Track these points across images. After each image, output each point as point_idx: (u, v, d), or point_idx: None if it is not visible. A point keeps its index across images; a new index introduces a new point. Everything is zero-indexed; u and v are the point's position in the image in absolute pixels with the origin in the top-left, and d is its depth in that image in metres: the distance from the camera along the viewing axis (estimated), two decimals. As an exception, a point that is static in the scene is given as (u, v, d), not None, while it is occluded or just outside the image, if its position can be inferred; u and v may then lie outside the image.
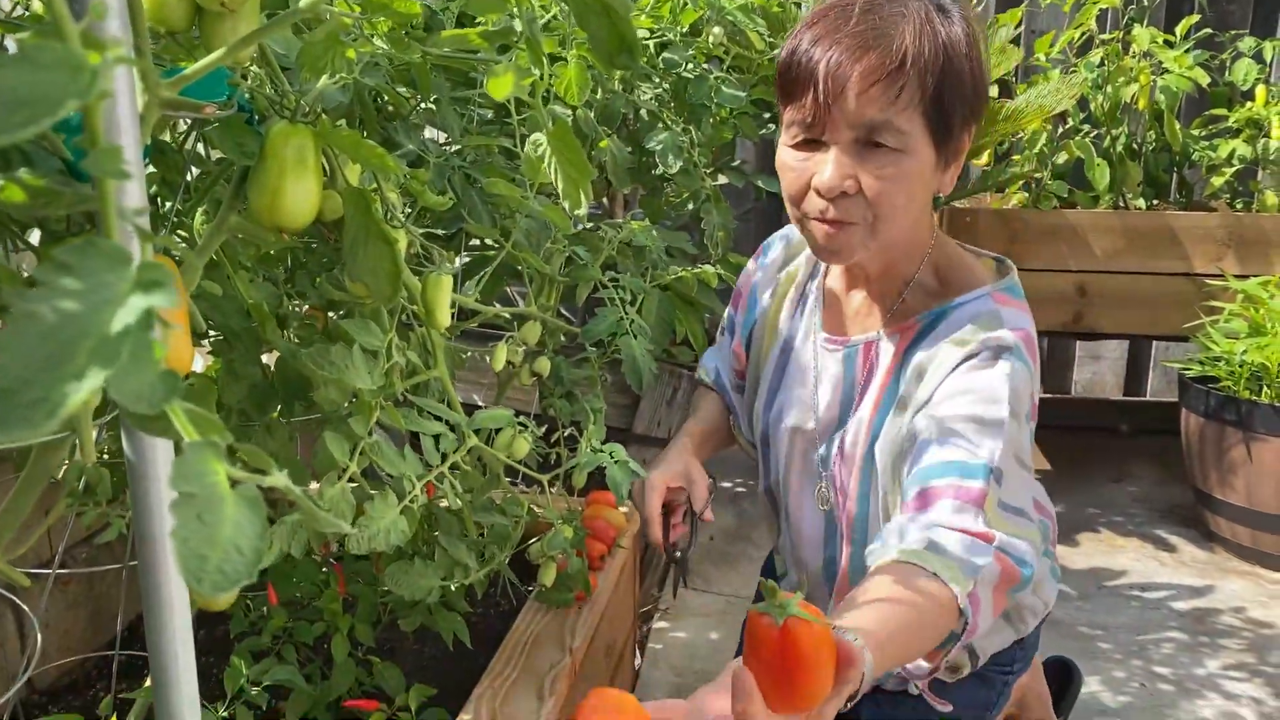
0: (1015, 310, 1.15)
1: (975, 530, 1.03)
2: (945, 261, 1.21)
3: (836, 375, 1.26)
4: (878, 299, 1.23)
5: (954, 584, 0.98)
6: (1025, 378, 1.11)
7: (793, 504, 1.33)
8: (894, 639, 0.95)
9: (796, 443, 1.31)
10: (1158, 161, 2.98)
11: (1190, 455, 2.61)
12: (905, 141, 1.05)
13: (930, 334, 1.17)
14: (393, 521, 0.97)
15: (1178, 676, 2.00)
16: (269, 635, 1.26)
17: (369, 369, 0.92)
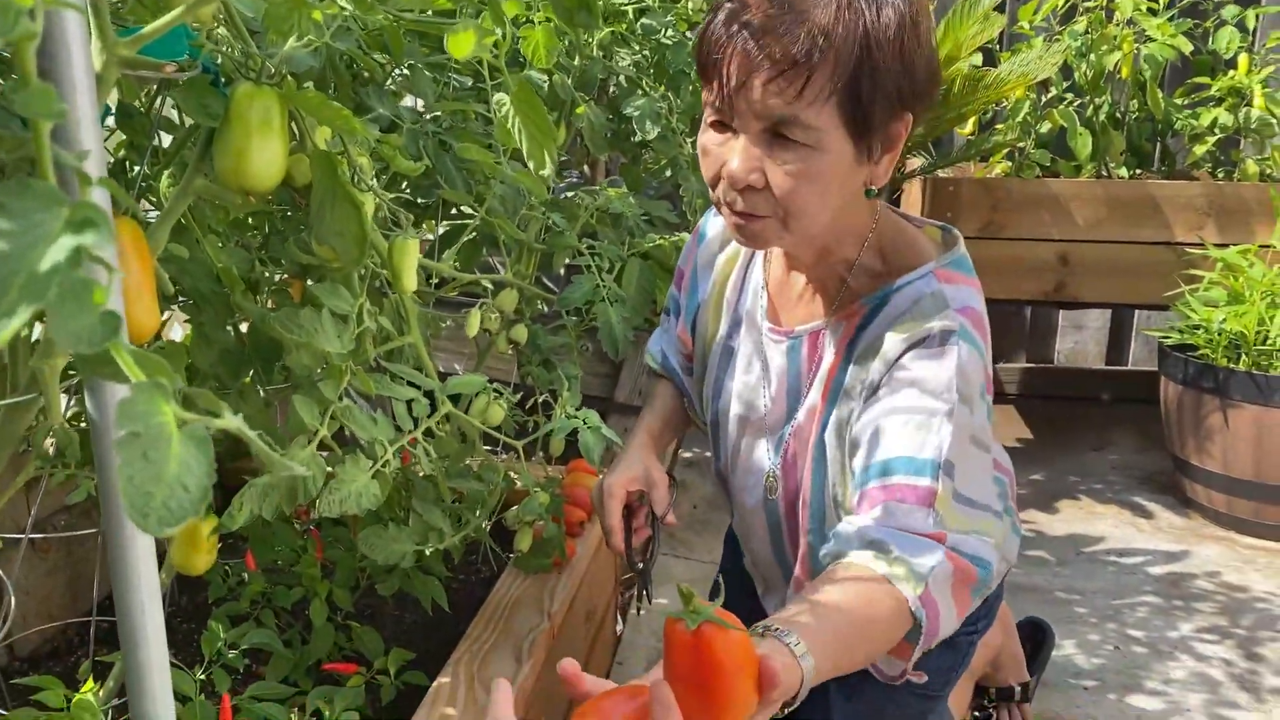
0: (959, 286, 1.10)
1: (925, 531, 1.01)
2: (889, 243, 1.15)
3: (782, 367, 1.21)
4: (819, 284, 1.18)
5: (903, 587, 0.96)
6: (973, 359, 1.06)
7: (738, 492, 1.30)
8: (840, 644, 0.93)
9: (744, 431, 1.27)
10: (1140, 130, 2.98)
11: (1169, 423, 2.64)
12: (815, 137, 0.98)
13: (874, 319, 1.12)
14: (364, 485, 0.97)
15: (1151, 639, 2.03)
16: (247, 600, 1.27)
17: (339, 333, 0.92)
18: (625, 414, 2.12)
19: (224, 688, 1.04)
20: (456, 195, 1.18)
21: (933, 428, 1.04)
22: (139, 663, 0.65)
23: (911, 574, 0.97)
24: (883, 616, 0.95)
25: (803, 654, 0.85)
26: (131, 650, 0.65)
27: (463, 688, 1.22)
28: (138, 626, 0.64)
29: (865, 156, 1.03)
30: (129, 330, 0.71)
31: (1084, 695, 1.83)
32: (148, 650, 0.65)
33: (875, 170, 1.05)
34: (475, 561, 1.74)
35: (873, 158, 1.04)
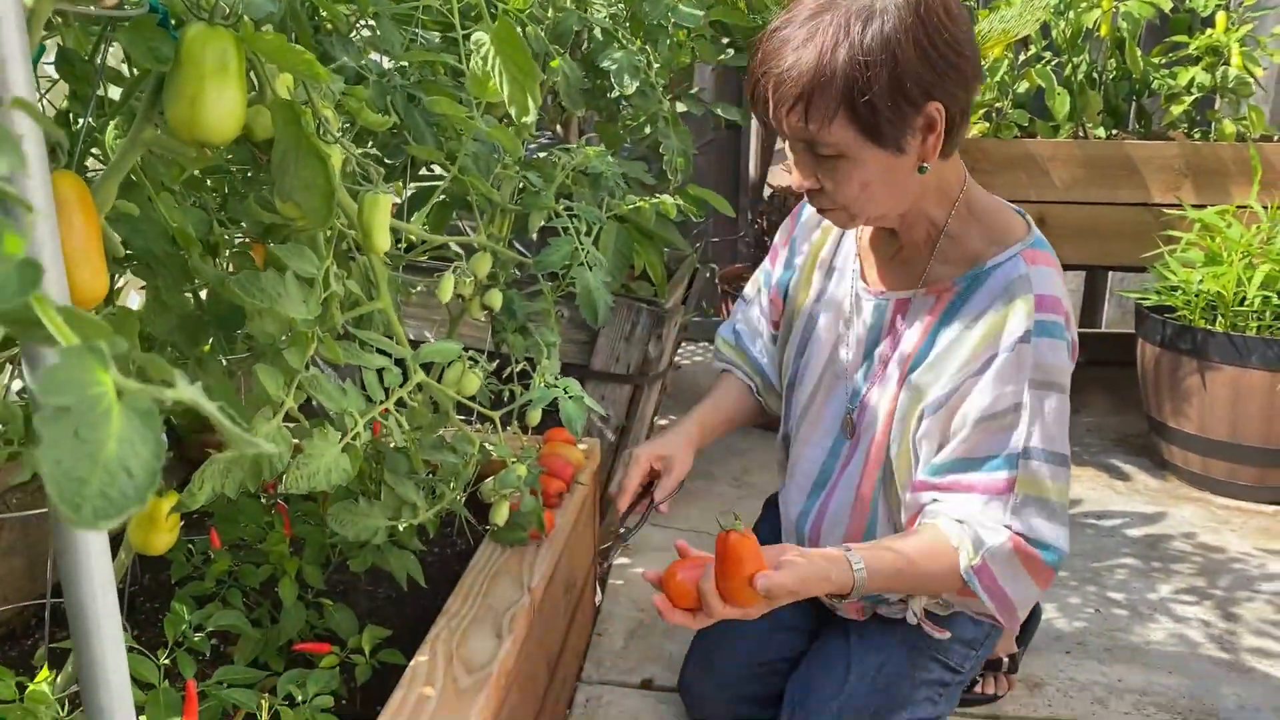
0: (1044, 268, 1.21)
1: (1001, 521, 1.20)
2: (980, 209, 1.26)
3: (868, 323, 1.34)
4: (910, 244, 1.30)
5: (963, 556, 1.20)
6: (1054, 348, 1.18)
7: (804, 445, 1.43)
8: (894, 576, 1.19)
9: (823, 381, 1.40)
10: (1117, 90, 2.95)
11: (1145, 384, 2.63)
12: (839, 150, 1.14)
13: (963, 308, 1.23)
14: (334, 460, 0.92)
15: (1130, 601, 2.03)
16: (212, 579, 1.21)
17: (304, 298, 0.86)
18: (603, 382, 2.07)
19: (189, 673, 0.99)
20: (427, 152, 1.12)
21: (1016, 424, 1.19)
22: (92, 658, 0.60)
23: (973, 546, 1.20)
24: (937, 571, 1.21)
25: (859, 568, 1.15)
26: (84, 643, 0.60)
27: (441, 666, 1.18)
28: (89, 618, 0.59)
29: (897, 151, 1.14)
30: (75, 294, 0.65)
31: (1065, 659, 1.82)
32: (101, 643, 0.60)
33: (922, 150, 1.16)
34: (451, 534, 1.69)
35: (905, 150, 1.15)
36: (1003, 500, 1.20)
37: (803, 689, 1.42)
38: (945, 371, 1.23)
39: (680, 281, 2.39)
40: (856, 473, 1.35)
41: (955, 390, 1.22)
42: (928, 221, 1.27)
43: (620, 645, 1.85)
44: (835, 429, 1.39)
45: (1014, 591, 1.22)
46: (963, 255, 1.25)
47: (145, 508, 0.32)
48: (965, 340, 1.22)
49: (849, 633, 1.45)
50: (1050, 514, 1.21)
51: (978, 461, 1.22)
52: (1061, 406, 1.21)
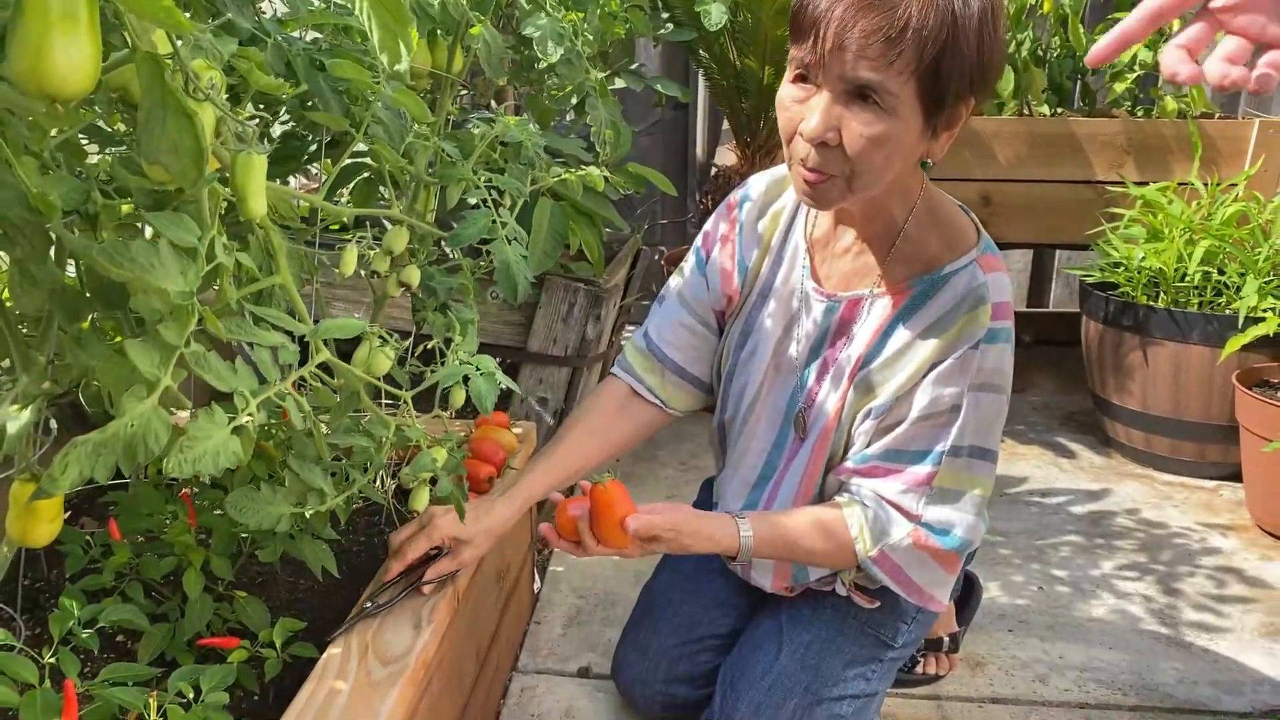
0: (998, 274, 1.21)
1: (908, 510, 1.24)
2: (936, 213, 1.24)
3: (818, 323, 1.31)
4: (867, 242, 1.27)
5: (860, 545, 1.25)
6: (1002, 353, 1.20)
7: (746, 439, 1.40)
8: (780, 544, 1.26)
9: (769, 375, 1.36)
10: (1061, 67, 2.95)
11: (1090, 362, 2.64)
12: (894, 104, 1.06)
13: (921, 308, 1.22)
14: (222, 442, 0.86)
15: (1074, 578, 2.02)
16: (111, 573, 1.15)
17: (183, 269, 0.80)
18: (540, 364, 2.02)
19: (71, 672, 0.93)
20: (330, 119, 1.06)
21: (950, 424, 1.20)
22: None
23: (872, 537, 1.25)
24: (828, 549, 1.26)
25: (746, 535, 1.23)
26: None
27: (355, 658, 1.13)
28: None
29: (930, 131, 1.11)
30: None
31: (1007, 637, 1.81)
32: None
33: (934, 145, 1.13)
34: (378, 523, 1.64)
35: (936, 134, 1.12)
36: (918, 492, 1.23)
37: (736, 669, 1.39)
38: (898, 374, 1.22)
39: (623, 262, 2.34)
40: (801, 469, 1.33)
41: (900, 396, 1.22)
42: (888, 217, 1.23)
43: (559, 633, 1.80)
44: (780, 422, 1.36)
45: (920, 578, 1.26)
46: (919, 257, 1.23)
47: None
48: (921, 345, 1.20)
49: (781, 611, 1.42)
50: (963, 506, 1.23)
51: (906, 454, 1.23)
52: (997, 406, 1.22)
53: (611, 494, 1.19)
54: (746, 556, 1.24)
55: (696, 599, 1.52)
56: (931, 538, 1.23)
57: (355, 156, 1.52)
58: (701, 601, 1.52)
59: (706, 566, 1.55)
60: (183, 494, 1.21)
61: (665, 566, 1.62)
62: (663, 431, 2.77)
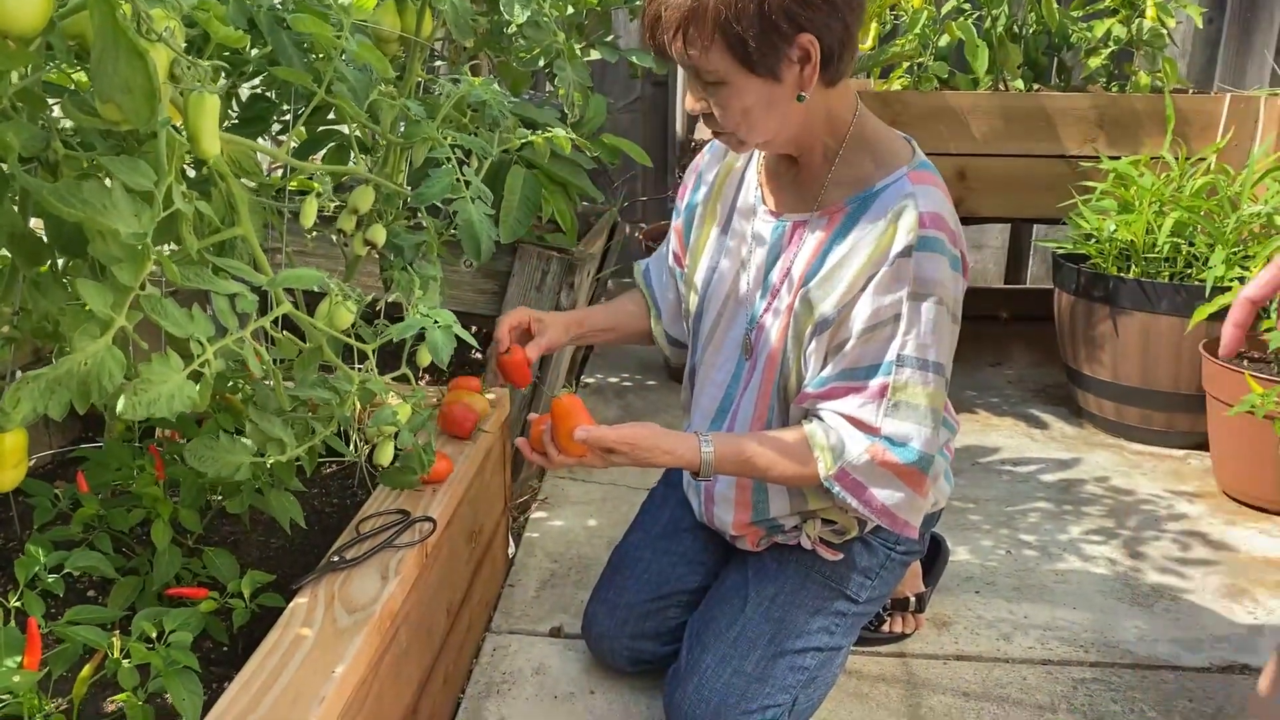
0: (929, 187, 1.25)
1: (867, 423, 1.26)
2: (868, 139, 1.30)
3: (766, 246, 1.37)
4: (808, 173, 1.33)
5: (821, 464, 1.28)
6: (934, 262, 1.22)
7: (709, 370, 1.45)
8: (742, 462, 1.28)
9: (726, 307, 1.42)
10: (1036, 43, 2.96)
11: (1062, 334, 2.66)
12: (719, 76, 1.18)
13: (853, 228, 1.27)
14: (178, 386, 0.88)
15: (1042, 542, 2.05)
16: (79, 525, 1.16)
17: (136, 212, 0.81)
18: (514, 332, 2.03)
19: (36, 613, 0.95)
20: (292, 74, 1.07)
21: (894, 335, 1.24)
22: None
23: (832, 454, 1.27)
24: (789, 464, 1.28)
25: (707, 449, 1.27)
26: None
27: (321, 607, 1.14)
28: None
29: (774, 79, 1.18)
30: None
31: (974, 599, 1.84)
32: None
33: (800, 80, 1.20)
34: (351, 485, 1.65)
35: (782, 79, 1.19)
36: (875, 404, 1.25)
37: (702, 622, 1.42)
38: (835, 288, 1.26)
39: (599, 234, 2.35)
40: (754, 393, 1.37)
41: (843, 308, 1.25)
42: (822, 146, 1.30)
43: (532, 595, 1.83)
44: (736, 354, 1.40)
45: (885, 497, 1.28)
46: (854, 178, 1.29)
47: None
48: (854, 257, 1.25)
49: (747, 566, 1.45)
50: (919, 418, 1.26)
51: (860, 371, 1.26)
52: (938, 317, 1.24)
53: (566, 406, 1.27)
54: (708, 472, 1.28)
55: (666, 556, 1.55)
56: (890, 451, 1.25)
57: (327, 125, 1.54)
58: (670, 559, 1.54)
59: (677, 525, 1.58)
60: (150, 447, 1.22)
61: (637, 527, 1.64)
62: (640, 401, 2.80)
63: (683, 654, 1.42)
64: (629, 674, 1.58)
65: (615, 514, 2.14)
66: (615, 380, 2.97)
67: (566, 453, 1.28)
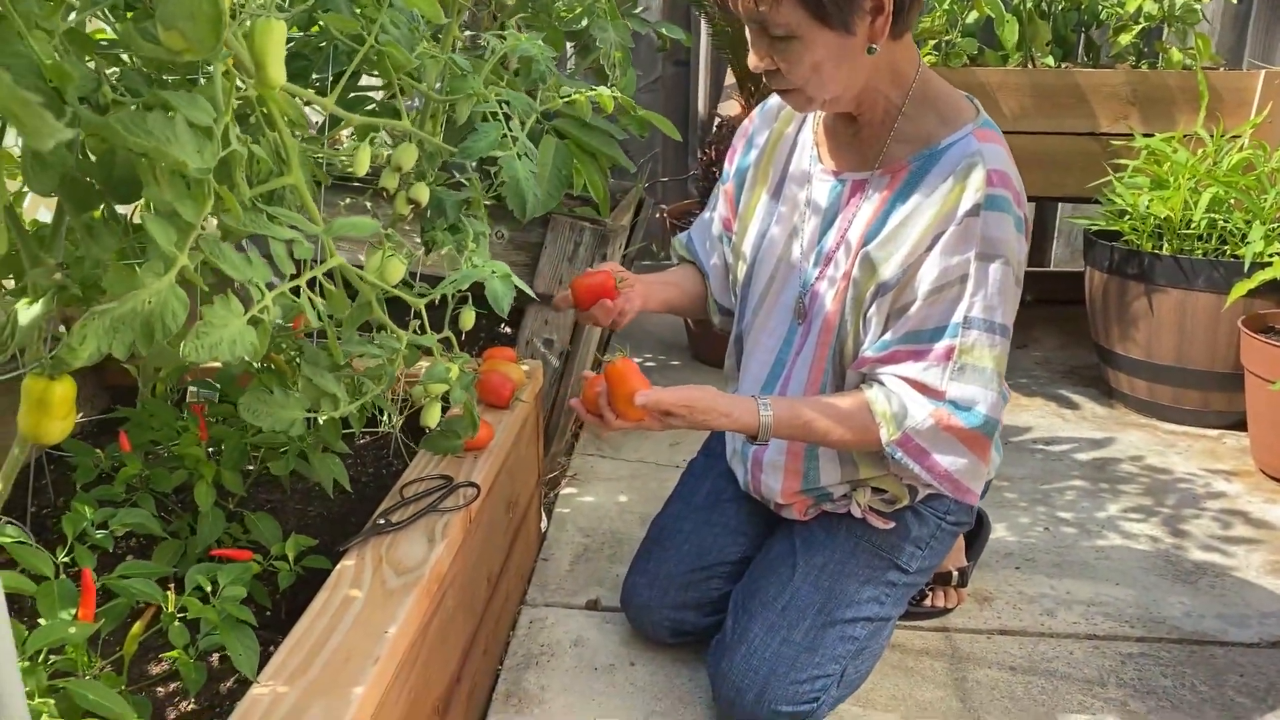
0: (995, 146, 1.23)
1: (932, 386, 1.23)
2: (932, 95, 1.27)
3: (822, 206, 1.34)
4: (869, 130, 1.30)
5: (884, 431, 1.25)
6: (1000, 221, 1.20)
7: (760, 334, 1.42)
8: (801, 427, 1.26)
9: (779, 271, 1.39)
10: (1066, 20, 2.93)
11: (1094, 312, 2.63)
12: (789, 30, 1.15)
13: (920, 181, 1.24)
14: (239, 331, 0.85)
15: (1079, 520, 2.02)
16: (122, 484, 1.14)
17: (198, 147, 0.79)
18: (546, 306, 2.01)
19: (88, 564, 0.92)
20: (341, 20, 1.04)
21: (960, 296, 1.21)
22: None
23: (894, 420, 1.25)
24: (845, 430, 1.26)
25: (766, 413, 1.24)
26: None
27: (369, 569, 1.12)
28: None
29: (846, 31, 1.16)
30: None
31: (1015, 574, 1.81)
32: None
33: (871, 31, 1.17)
34: (386, 455, 1.63)
35: (854, 31, 1.16)
36: (941, 367, 1.23)
37: (748, 592, 1.39)
38: (899, 248, 1.23)
39: (626, 209, 2.33)
40: (809, 358, 1.34)
41: (907, 269, 1.23)
42: (885, 102, 1.27)
43: (566, 569, 1.80)
44: (788, 319, 1.38)
45: (948, 463, 1.26)
46: (917, 135, 1.26)
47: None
48: (919, 216, 1.22)
49: (794, 535, 1.42)
50: (984, 381, 1.23)
51: (924, 334, 1.23)
52: (1005, 278, 1.21)
53: (621, 370, 1.25)
54: (766, 436, 1.25)
55: (708, 527, 1.52)
56: (955, 415, 1.23)
57: (360, 91, 1.51)
58: (713, 530, 1.52)
59: (718, 496, 1.55)
60: (194, 406, 1.20)
61: (676, 498, 1.61)
62: (661, 383, 2.78)
63: (728, 624, 1.40)
64: (669, 645, 1.55)
65: (645, 490, 2.11)
66: (638, 360, 2.95)
67: (624, 416, 1.25)
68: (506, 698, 1.45)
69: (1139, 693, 1.49)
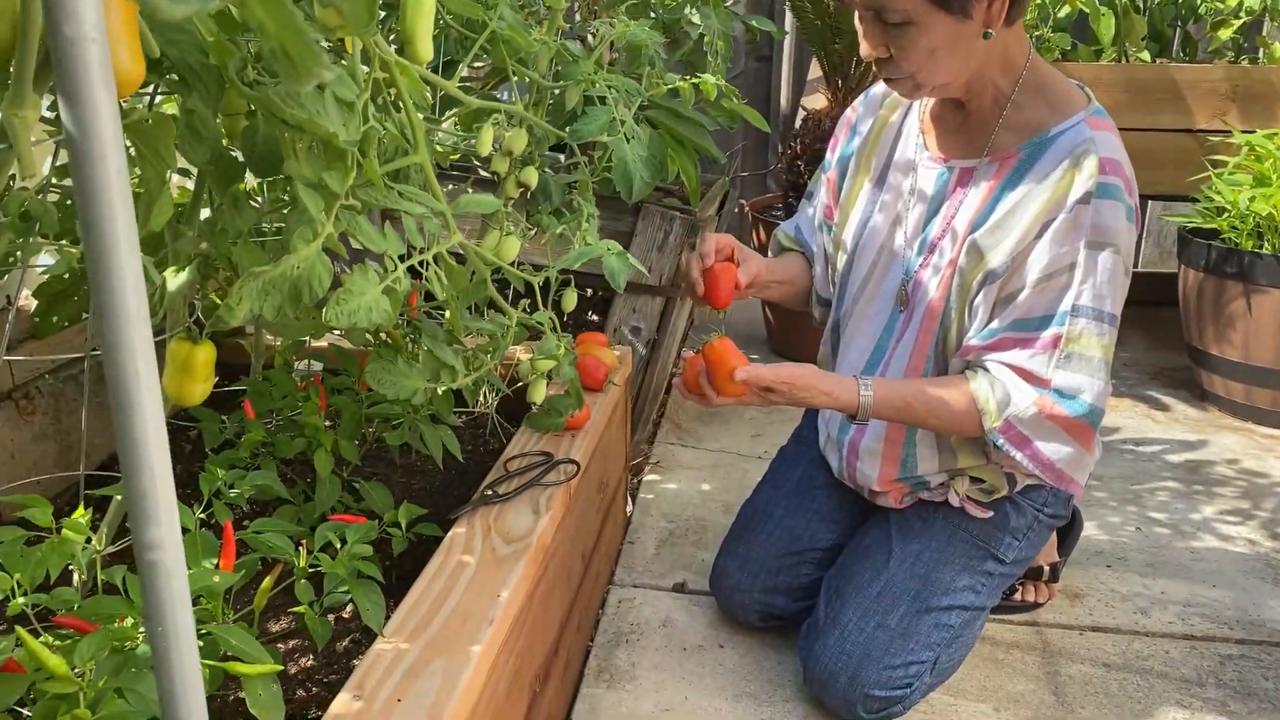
0: (1107, 134, 1.22)
1: (1037, 374, 1.23)
2: (1042, 83, 1.26)
3: (928, 193, 1.34)
4: (977, 118, 1.30)
5: (987, 417, 1.25)
6: (1116, 209, 1.19)
7: (856, 322, 1.43)
8: (903, 409, 1.27)
9: (881, 258, 1.39)
10: (1163, 14, 2.87)
11: (1187, 312, 2.57)
12: (905, 16, 1.15)
13: (1030, 169, 1.23)
14: (375, 299, 0.89)
15: (1172, 521, 1.99)
16: (247, 449, 1.19)
17: (345, 121, 0.83)
18: (634, 294, 2.04)
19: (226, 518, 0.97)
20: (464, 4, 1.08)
21: (1069, 284, 1.20)
22: (141, 487, 0.56)
23: (997, 407, 1.24)
24: (946, 414, 1.26)
25: (866, 393, 1.26)
26: (134, 467, 0.56)
27: (479, 537, 1.16)
28: (137, 422, 0.55)
29: (963, 16, 1.16)
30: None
31: (1106, 573, 1.79)
32: (148, 449, 0.56)
33: (987, 16, 1.17)
34: (483, 434, 1.67)
35: (971, 15, 1.16)
36: (1047, 355, 1.22)
37: (842, 577, 1.40)
38: (1007, 236, 1.23)
39: (711, 201, 2.34)
40: (910, 346, 1.34)
41: (1015, 257, 1.22)
42: (994, 90, 1.27)
43: (652, 552, 1.83)
44: (890, 306, 1.38)
45: (1051, 452, 1.25)
46: (1027, 123, 1.26)
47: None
48: (1029, 204, 1.22)
49: (890, 522, 1.42)
50: (1091, 370, 1.22)
51: (1031, 322, 1.23)
52: (1115, 267, 1.20)
53: (719, 349, 1.27)
54: (865, 416, 1.26)
55: (799, 513, 1.53)
56: (1059, 404, 1.22)
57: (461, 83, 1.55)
58: (804, 515, 1.53)
59: (810, 483, 1.56)
60: (315, 376, 1.25)
61: (767, 484, 1.63)
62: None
63: (820, 608, 1.41)
64: (758, 630, 1.57)
65: (728, 480, 2.13)
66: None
67: (725, 393, 1.27)
68: (598, 673, 1.48)
69: (1239, 694, 1.46)
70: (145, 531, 0.58)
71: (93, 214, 0.52)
